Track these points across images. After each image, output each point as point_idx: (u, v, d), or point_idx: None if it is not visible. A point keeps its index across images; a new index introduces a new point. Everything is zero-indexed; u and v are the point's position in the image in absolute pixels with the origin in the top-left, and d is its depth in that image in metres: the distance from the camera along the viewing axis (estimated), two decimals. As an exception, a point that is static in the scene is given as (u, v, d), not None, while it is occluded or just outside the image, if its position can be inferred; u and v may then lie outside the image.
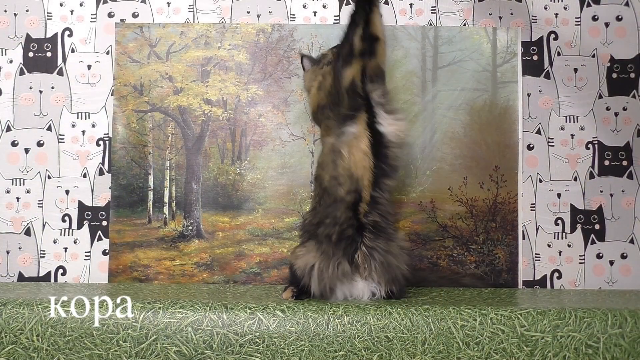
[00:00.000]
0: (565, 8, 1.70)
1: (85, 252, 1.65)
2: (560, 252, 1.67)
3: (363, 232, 1.29)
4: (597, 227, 1.68)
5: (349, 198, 1.29)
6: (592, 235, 1.68)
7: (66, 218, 1.66)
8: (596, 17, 1.70)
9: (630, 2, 1.70)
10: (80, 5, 1.68)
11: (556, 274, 1.67)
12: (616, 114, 1.69)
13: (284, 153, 1.66)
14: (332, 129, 1.33)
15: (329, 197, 1.31)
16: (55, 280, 1.65)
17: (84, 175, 1.66)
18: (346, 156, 1.29)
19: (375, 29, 1.32)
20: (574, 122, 1.69)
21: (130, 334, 1.13)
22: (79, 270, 1.65)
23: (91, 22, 1.68)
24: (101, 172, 1.66)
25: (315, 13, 1.69)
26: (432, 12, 1.70)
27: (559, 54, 1.70)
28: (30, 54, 1.67)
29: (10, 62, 1.67)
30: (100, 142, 1.67)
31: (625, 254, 1.68)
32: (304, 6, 1.70)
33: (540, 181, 1.68)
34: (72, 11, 1.68)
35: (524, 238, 1.67)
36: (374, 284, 1.30)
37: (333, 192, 1.31)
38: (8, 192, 1.66)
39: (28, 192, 1.66)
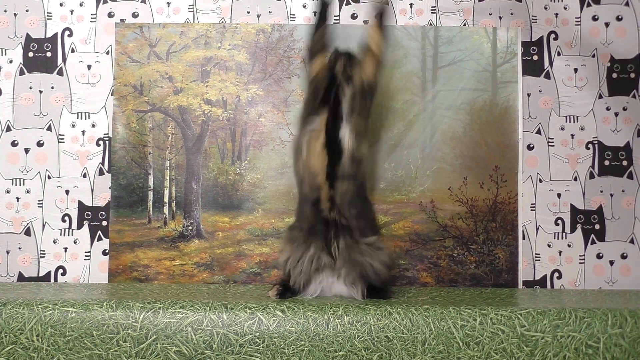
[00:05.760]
0: (565, 8, 1.70)
1: (85, 252, 1.65)
2: (560, 252, 1.67)
3: (332, 229, 1.34)
4: (597, 227, 1.68)
5: (312, 195, 1.35)
6: (592, 235, 1.68)
7: (66, 218, 1.66)
8: (596, 17, 1.70)
9: (630, 2, 1.70)
10: (80, 5, 1.68)
11: (556, 274, 1.67)
12: (616, 114, 1.69)
13: (284, 153, 1.66)
14: (302, 119, 1.41)
15: (299, 198, 1.41)
16: (55, 280, 1.65)
17: (84, 175, 1.66)
18: (304, 153, 1.36)
19: (368, 40, 1.41)
20: (574, 122, 1.69)
21: (130, 334, 1.13)
22: (79, 270, 1.65)
23: (91, 22, 1.68)
24: (101, 172, 1.66)
25: (315, 13, 1.69)
26: (432, 12, 1.70)
27: (559, 54, 1.70)
28: (30, 54, 1.67)
29: (10, 62, 1.67)
30: (100, 142, 1.67)
31: (625, 254, 1.68)
32: (304, 6, 1.70)
33: (540, 181, 1.68)
34: (72, 11, 1.68)
35: (524, 238, 1.67)
36: (342, 280, 1.33)
37: (301, 193, 1.40)
38: (8, 192, 1.65)
39: (28, 192, 1.66)
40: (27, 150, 1.66)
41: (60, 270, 1.65)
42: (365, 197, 1.43)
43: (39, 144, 1.66)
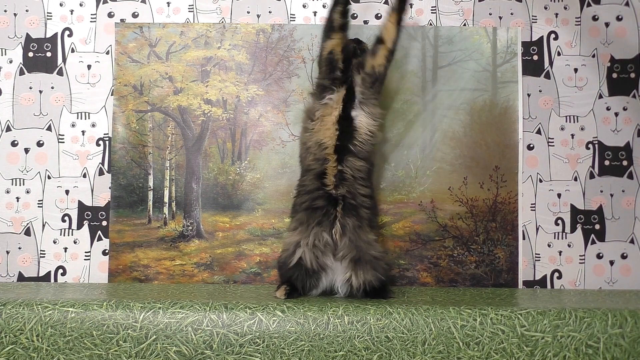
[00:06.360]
0: (565, 8, 1.70)
1: (85, 252, 1.65)
2: (560, 252, 1.67)
3: (336, 207, 1.34)
4: (597, 227, 1.68)
5: (315, 167, 1.37)
6: (592, 235, 1.68)
7: (66, 218, 1.66)
8: (596, 17, 1.70)
9: (630, 2, 1.70)
10: (80, 5, 1.68)
11: (556, 274, 1.67)
12: (616, 114, 1.69)
13: (284, 153, 1.66)
14: (313, 95, 1.45)
15: (302, 169, 1.43)
16: (55, 280, 1.65)
17: (84, 175, 1.66)
18: (317, 121, 1.39)
19: (383, 33, 1.43)
20: (574, 122, 1.69)
21: (130, 334, 1.13)
22: (78, 270, 1.65)
23: (91, 22, 1.68)
24: (101, 172, 1.66)
25: (315, 13, 1.69)
26: (432, 12, 1.70)
27: (559, 54, 1.70)
28: (30, 54, 1.67)
29: (10, 62, 1.67)
30: (100, 142, 1.67)
31: (625, 254, 1.68)
32: (304, 6, 1.70)
33: (540, 181, 1.68)
34: (72, 11, 1.68)
35: (524, 238, 1.67)
36: (345, 264, 1.33)
37: (304, 163, 1.41)
38: (8, 192, 1.66)
39: (28, 192, 1.66)
40: (27, 150, 1.66)
41: (60, 270, 1.65)
42: (372, 187, 1.44)
43: (39, 144, 1.66)
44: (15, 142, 1.66)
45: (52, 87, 1.67)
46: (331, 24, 1.46)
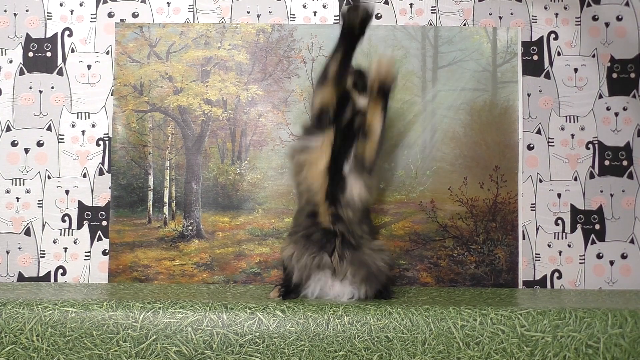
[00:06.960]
0: (565, 8, 1.70)
1: (85, 252, 1.65)
2: (560, 252, 1.67)
3: (335, 239, 1.29)
4: (597, 227, 1.68)
5: (308, 208, 1.32)
6: (592, 235, 1.68)
7: (66, 218, 1.65)
8: (596, 17, 1.70)
9: (630, 2, 1.70)
10: (80, 5, 1.68)
11: (556, 274, 1.67)
12: (616, 114, 1.69)
13: (284, 153, 1.66)
14: (300, 138, 1.37)
15: (298, 205, 1.38)
16: (55, 280, 1.65)
17: (84, 175, 1.66)
18: (305, 170, 1.31)
19: (371, 122, 1.29)
20: (574, 122, 1.69)
21: (130, 334, 1.13)
22: (78, 270, 1.65)
23: (91, 22, 1.68)
24: (101, 172, 1.66)
25: (315, 13, 1.69)
26: (432, 12, 1.70)
27: (559, 54, 1.70)
28: (30, 54, 1.67)
29: (10, 62, 1.67)
30: (100, 142, 1.67)
31: (625, 254, 1.68)
32: (304, 6, 1.70)
33: (540, 181, 1.68)
34: (72, 11, 1.68)
35: (524, 238, 1.67)
36: (350, 284, 1.30)
37: (299, 202, 1.37)
38: (8, 192, 1.65)
39: (28, 192, 1.66)
40: (27, 150, 1.66)
41: (60, 270, 1.65)
42: (371, 219, 1.40)
43: (39, 144, 1.66)
44: (15, 142, 1.66)
45: (52, 87, 1.67)
46: (325, 73, 1.30)
